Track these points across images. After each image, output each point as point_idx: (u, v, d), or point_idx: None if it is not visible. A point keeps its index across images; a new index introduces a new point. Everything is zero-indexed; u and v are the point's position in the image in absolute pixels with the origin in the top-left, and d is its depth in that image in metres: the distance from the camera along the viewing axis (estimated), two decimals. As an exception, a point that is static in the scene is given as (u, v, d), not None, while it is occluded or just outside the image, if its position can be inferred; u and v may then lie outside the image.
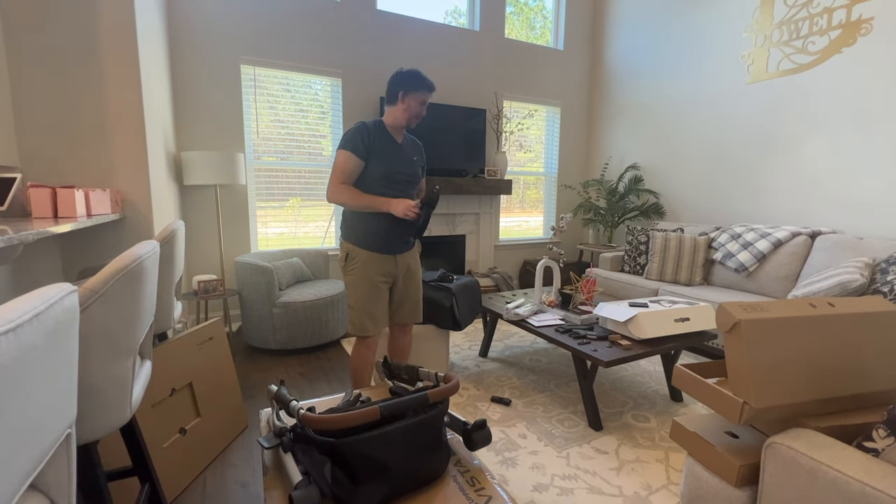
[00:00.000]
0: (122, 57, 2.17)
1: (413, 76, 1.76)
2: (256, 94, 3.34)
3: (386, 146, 1.80)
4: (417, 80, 1.76)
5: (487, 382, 2.46)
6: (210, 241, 3.30)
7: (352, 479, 0.87)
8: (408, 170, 1.86)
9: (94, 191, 1.89)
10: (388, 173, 1.79)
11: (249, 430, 1.96)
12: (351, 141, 1.75)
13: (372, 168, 1.77)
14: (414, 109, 1.79)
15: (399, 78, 1.76)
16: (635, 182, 4.28)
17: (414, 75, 1.76)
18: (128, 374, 0.90)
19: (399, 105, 1.78)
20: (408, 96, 1.76)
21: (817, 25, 2.94)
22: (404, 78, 1.75)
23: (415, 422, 0.95)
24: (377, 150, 1.77)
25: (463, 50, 4.08)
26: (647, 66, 4.19)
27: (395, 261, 1.87)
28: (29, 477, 0.52)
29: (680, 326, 2.10)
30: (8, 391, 0.46)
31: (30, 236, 1.16)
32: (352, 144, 1.74)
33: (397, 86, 1.76)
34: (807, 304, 1.08)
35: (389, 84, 1.79)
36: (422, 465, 0.95)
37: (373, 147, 1.76)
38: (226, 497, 1.55)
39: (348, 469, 0.87)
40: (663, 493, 1.57)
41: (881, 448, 0.86)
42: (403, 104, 1.77)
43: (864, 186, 2.79)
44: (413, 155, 1.90)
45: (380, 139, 1.79)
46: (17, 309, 0.48)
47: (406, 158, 1.86)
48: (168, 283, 1.45)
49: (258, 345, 2.87)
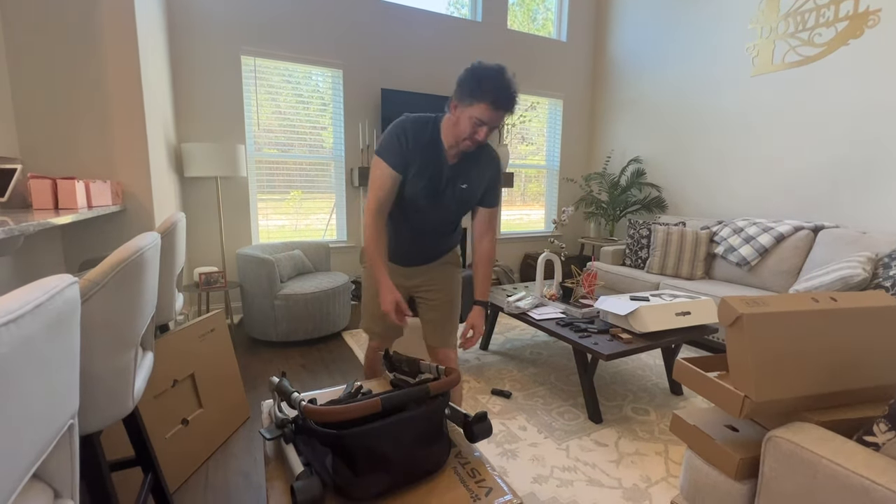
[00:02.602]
0: (122, 48, 2.15)
1: (472, 79, 1.22)
2: (257, 86, 3.32)
3: (425, 163, 1.34)
4: (476, 85, 1.21)
5: (488, 375, 2.47)
6: (211, 233, 3.30)
7: (353, 470, 0.87)
8: (441, 200, 1.39)
9: (94, 182, 1.89)
10: (414, 198, 1.38)
11: (251, 421, 1.97)
12: (388, 146, 1.32)
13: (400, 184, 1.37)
14: (462, 128, 1.26)
15: (460, 77, 1.25)
16: (637, 175, 4.26)
17: (474, 78, 1.22)
18: (130, 365, 0.90)
19: (449, 116, 1.31)
20: (459, 107, 1.26)
21: (824, 17, 2.90)
22: (463, 79, 1.24)
23: (416, 413, 0.95)
24: (417, 163, 1.33)
25: (465, 41, 4.04)
26: (650, 57, 4.15)
27: (407, 273, 1.55)
28: (32, 467, 0.53)
29: (681, 320, 2.10)
30: (9, 382, 0.46)
31: (31, 227, 1.16)
32: (388, 152, 1.32)
33: (456, 88, 1.26)
34: (809, 299, 1.07)
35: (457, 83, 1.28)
36: (423, 456, 0.96)
37: (413, 160, 1.33)
38: (228, 487, 1.56)
39: (350, 460, 0.88)
40: (662, 485, 1.58)
41: (882, 442, 0.86)
42: (453, 116, 1.29)
43: (868, 180, 2.77)
44: (461, 180, 1.38)
45: (421, 150, 1.33)
46: (19, 300, 0.48)
47: (444, 185, 1.37)
48: (169, 275, 1.45)
49: (259, 337, 2.88)
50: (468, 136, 1.27)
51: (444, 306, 1.56)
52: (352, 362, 2.62)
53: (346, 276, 3.14)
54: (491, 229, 1.51)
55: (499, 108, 1.22)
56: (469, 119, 1.24)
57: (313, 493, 0.82)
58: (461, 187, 1.39)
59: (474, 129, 1.25)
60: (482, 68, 1.22)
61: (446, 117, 1.32)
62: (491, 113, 1.22)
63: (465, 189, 1.40)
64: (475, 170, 1.40)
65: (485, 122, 1.23)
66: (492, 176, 1.44)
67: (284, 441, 0.98)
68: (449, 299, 1.56)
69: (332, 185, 3.72)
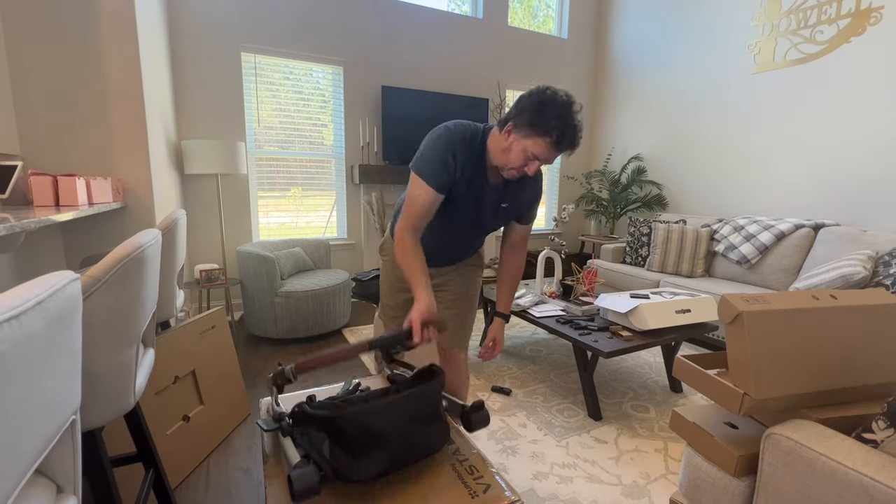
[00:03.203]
0: (122, 44, 2.15)
1: (537, 110, 1.07)
2: (257, 83, 3.32)
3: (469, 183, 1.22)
4: (539, 119, 1.07)
5: (488, 372, 2.47)
6: (212, 230, 3.30)
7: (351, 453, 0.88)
8: (479, 218, 1.31)
9: (95, 179, 1.89)
10: (452, 217, 1.28)
11: (252, 417, 1.98)
12: (432, 165, 1.17)
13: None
14: (513, 158, 1.13)
15: (523, 102, 1.10)
16: (638, 173, 4.25)
17: (539, 109, 1.07)
18: (131, 361, 0.90)
19: (502, 136, 1.15)
20: (514, 134, 1.12)
21: (826, 14, 2.89)
22: (524, 105, 1.09)
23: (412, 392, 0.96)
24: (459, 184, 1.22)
25: (465, 38, 4.03)
26: (651, 55, 4.14)
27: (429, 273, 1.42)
28: (35, 462, 0.53)
29: (681, 318, 2.10)
30: (11, 378, 0.46)
31: (32, 224, 1.16)
32: (433, 172, 1.17)
33: (514, 109, 1.12)
34: (809, 297, 1.07)
35: (516, 101, 1.13)
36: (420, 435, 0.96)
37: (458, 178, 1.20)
38: (228, 483, 1.57)
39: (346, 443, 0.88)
40: (662, 482, 1.59)
41: (880, 439, 0.86)
42: (504, 141, 1.14)
43: (869, 178, 2.77)
44: (503, 200, 1.29)
45: (468, 169, 1.20)
46: (20, 296, 0.48)
47: (485, 205, 1.28)
48: (170, 272, 1.45)
49: (260, 334, 2.89)
50: (516, 168, 1.14)
51: (459, 305, 1.47)
52: (352, 360, 2.63)
53: (346, 274, 3.14)
54: (523, 246, 1.43)
55: (560, 147, 1.10)
56: (523, 151, 1.11)
57: (310, 482, 0.82)
58: (502, 207, 1.30)
59: (525, 163, 1.13)
60: (550, 98, 1.07)
61: (495, 133, 1.18)
62: (550, 152, 1.10)
63: (505, 208, 1.31)
64: (520, 190, 1.30)
65: (539, 159, 1.12)
66: (534, 195, 1.34)
67: (282, 434, 0.99)
68: (466, 299, 1.47)
69: (332, 182, 3.72)
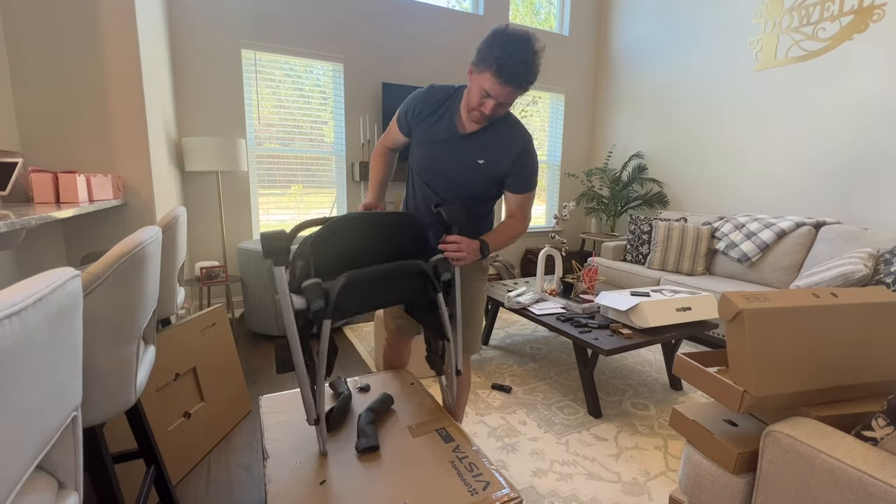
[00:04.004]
0: (122, 41, 2.15)
1: (487, 42, 1.10)
2: (258, 80, 3.31)
3: (435, 130, 1.29)
4: (488, 51, 1.08)
5: (488, 370, 2.48)
6: (212, 227, 3.30)
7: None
8: (449, 170, 1.31)
9: (95, 176, 1.89)
10: (420, 167, 1.36)
11: (252, 415, 1.99)
12: (401, 106, 1.36)
13: (411, 150, 1.39)
14: (472, 97, 1.16)
15: (483, 42, 1.12)
16: (639, 171, 4.24)
17: (489, 41, 1.09)
18: (132, 358, 0.90)
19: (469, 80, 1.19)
20: (473, 73, 1.14)
21: (828, 11, 2.88)
22: (482, 45, 1.11)
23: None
24: (426, 127, 1.30)
25: (466, 35, 4.02)
26: (653, 52, 4.13)
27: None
28: (36, 458, 0.53)
29: (681, 316, 2.10)
30: (12, 374, 0.46)
31: (32, 221, 1.16)
32: (400, 111, 1.37)
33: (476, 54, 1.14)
34: (810, 295, 1.07)
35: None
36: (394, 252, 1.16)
37: (420, 125, 1.31)
38: (229, 479, 1.57)
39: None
40: (661, 479, 1.59)
41: (880, 437, 0.86)
42: (469, 81, 1.18)
43: (871, 176, 2.76)
44: (480, 154, 1.27)
45: (433, 118, 1.28)
46: (20, 293, 0.48)
47: (459, 153, 1.28)
48: (171, 269, 1.45)
49: (261, 331, 2.89)
50: (475, 108, 1.16)
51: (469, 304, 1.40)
52: (353, 357, 2.63)
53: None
54: (520, 213, 1.36)
55: (504, 81, 1.07)
56: (477, 88, 1.12)
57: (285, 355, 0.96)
58: (478, 162, 1.27)
59: (481, 101, 1.13)
60: (501, 32, 1.07)
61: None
62: (496, 86, 1.08)
63: (482, 165, 1.27)
64: (497, 147, 1.27)
65: (491, 95, 1.11)
66: (518, 158, 1.27)
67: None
68: (468, 305, 1.40)
69: (333, 179, 3.71)
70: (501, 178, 1.32)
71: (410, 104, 1.33)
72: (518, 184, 1.32)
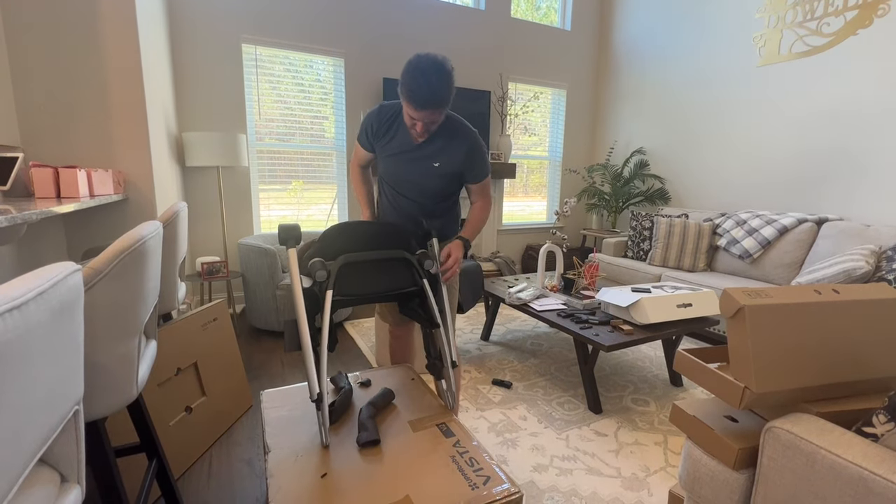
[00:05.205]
0: (122, 36, 2.14)
1: (402, 75, 1.23)
2: (258, 75, 3.30)
3: (393, 144, 1.43)
4: (402, 84, 1.23)
5: (489, 365, 2.48)
6: (213, 223, 3.30)
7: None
8: (411, 176, 1.46)
9: (96, 171, 1.89)
10: (386, 176, 1.52)
11: (253, 409, 1.99)
12: (360, 127, 1.51)
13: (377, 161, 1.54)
14: (406, 120, 1.32)
15: (400, 75, 1.26)
16: (641, 167, 4.23)
17: (402, 74, 1.23)
18: (133, 353, 0.91)
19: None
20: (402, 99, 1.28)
21: (833, 6, 2.86)
22: (400, 78, 1.25)
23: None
24: (384, 143, 1.45)
25: (467, 30, 3.99)
26: (655, 47, 4.10)
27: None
28: (38, 451, 0.53)
29: (682, 312, 2.10)
30: (14, 368, 0.46)
31: (33, 216, 1.16)
32: (359, 131, 1.51)
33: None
34: (811, 291, 1.07)
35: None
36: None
37: (378, 141, 1.46)
38: (231, 474, 1.58)
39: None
40: (661, 474, 1.60)
41: (880, 433, 0.86)
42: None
43: (874, 172, 2.75)
44: (434, 159, 1.41)
45: (390, 133, 1.42)
46: (22, 287, 0.48)
47: (416, 161, 1.42)
48: (172, 264, 1.45)
49: (262, 326, 2.89)
50: (411, 127, 1.32)
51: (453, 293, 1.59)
52: (353, 352, 2.64)
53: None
54: (483, 197, 1.54)
55: (419, 108, 1.22)
56: (405, 113, 1.29)
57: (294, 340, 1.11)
58: (433, 165, 1.42)
59: (412, 122, 1.30)
60: (413, 65, 1.21)
61: None
62: (416, 112, 1.24)
63: (437, 167, 1.42)
64: (446, 151, 1.41)
65: (414, 118, 1.27)
66: (467, 157, 1.42)
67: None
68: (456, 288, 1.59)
69: (333, 175, 3.71)
70: (458, 174, 1.47)
71: (366, 123, 1.46)
72: (473, 176, 1.49)
